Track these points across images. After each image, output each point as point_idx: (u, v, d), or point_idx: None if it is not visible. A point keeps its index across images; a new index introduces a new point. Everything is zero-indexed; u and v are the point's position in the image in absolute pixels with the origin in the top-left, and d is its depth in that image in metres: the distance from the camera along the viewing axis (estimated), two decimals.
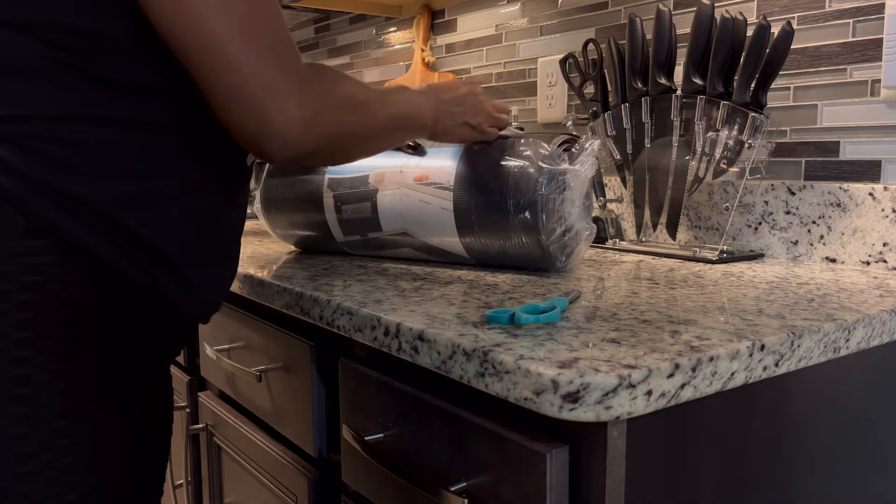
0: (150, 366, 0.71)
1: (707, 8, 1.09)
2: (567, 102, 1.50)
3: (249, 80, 0.62)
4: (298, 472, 0.96)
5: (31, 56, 0.61)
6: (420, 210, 1.00)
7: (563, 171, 0.92)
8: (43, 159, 0.61)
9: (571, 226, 0.94)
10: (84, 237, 0.63)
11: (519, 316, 0.66)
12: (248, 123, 0.64)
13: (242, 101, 0.63)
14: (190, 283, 0.71)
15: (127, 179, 0.65)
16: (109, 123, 0.64)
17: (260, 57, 0.63)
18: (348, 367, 0.83)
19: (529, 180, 0.91)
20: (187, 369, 1.36)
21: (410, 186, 1.00)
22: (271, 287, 0.93)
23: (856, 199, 1.04)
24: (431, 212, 0.98)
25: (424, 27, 1.86)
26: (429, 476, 0.70)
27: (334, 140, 0.71)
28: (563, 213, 0.93)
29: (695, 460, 0.62)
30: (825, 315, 0.71)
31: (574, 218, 0.94)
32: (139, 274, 0.67)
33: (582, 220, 0.97)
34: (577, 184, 0.93)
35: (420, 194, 0.99)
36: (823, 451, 0.73)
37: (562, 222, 0.93)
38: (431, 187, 0.98)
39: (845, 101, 1.07)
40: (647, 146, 1.20)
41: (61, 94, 0.62)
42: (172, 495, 1.39)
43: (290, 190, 1.13)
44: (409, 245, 1.04)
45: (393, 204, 1.02)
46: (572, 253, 0.97)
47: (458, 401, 0.67)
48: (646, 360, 0.55)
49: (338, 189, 1.07)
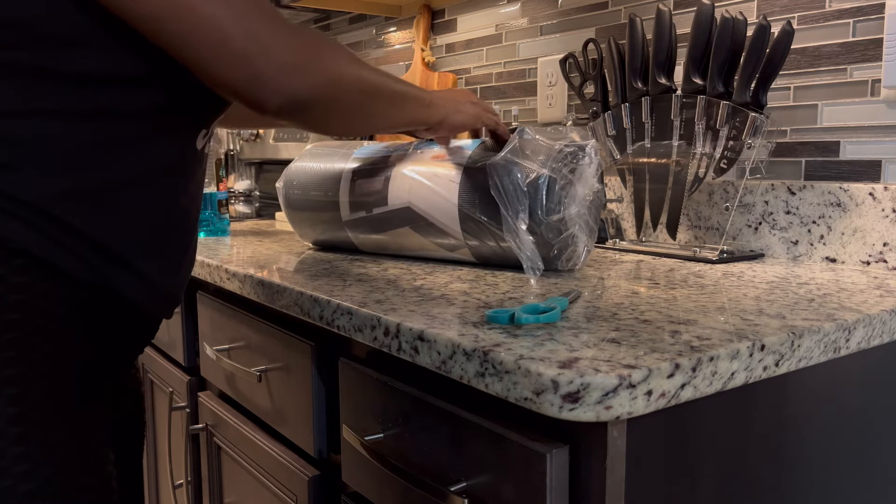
0: (110, 367, 0.69)
1: (707, 8, 1.09)
2: (567, 102, 1.50)
3: (232, 34, 0.62)
4: (298, 472, 0.96)
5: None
6: (429, 180, 1.02)
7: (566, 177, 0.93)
8: None
9: (567, 221, 0.94)
10: (23, 237, 0.61)
11: (519, 316, 0.66)
12: (237, 76, 0.64)
13: (228, 56, 0.63)
14: (146, 276, 0.69)
15: (69, 173, 0.63)
16: (47, 115, 0.61)
17: (239, 10, 0.63)
18: (348, 367, 0.83)
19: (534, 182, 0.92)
20: (187, 369, 1.36)
21: (426, 163, 1.04)
22: (271, 287, 0.93)
23: (856, 199, 1.04)
24: (439, 182, 1.00)
25: (424, 27, 1.86)
26: (429, 476, 0.70)
27: (330, 91, 0.70)
28: (565, 217, 0.93)
29: (695, 460, 0.62)
30: (825, 315, 0.71)
31: (574, 216, 0.94)
32: (86, 271, 0.64)
33: (581, 232, 0.96)
34: (580, 188, 0.94)
35: (433, 168, 1.02)
36: (823, 451, 0.73)
37: (563, 225, 0.93)
38: (447, 162, 1.02)
39: (845, 101, 1.07)
40: (647, 146, 1.20)
41: None
42: (172, 495, 1.39)
43: (315, 161, 1.18)
44: (408, 224, 1.04)
45: (405, 177, 1.05)
46: (573, 255, 0.97)
47: (458, 401, 0.67)
48: (646, 360, 0.55)
49: (360, 163, 1.12)
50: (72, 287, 0.64)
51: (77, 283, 0.65)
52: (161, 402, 1.49)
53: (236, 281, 1.03)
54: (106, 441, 0.68)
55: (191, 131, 0.72)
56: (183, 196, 0.73)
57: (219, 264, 1.09)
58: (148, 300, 0.71)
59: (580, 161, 0.95)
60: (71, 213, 0.63)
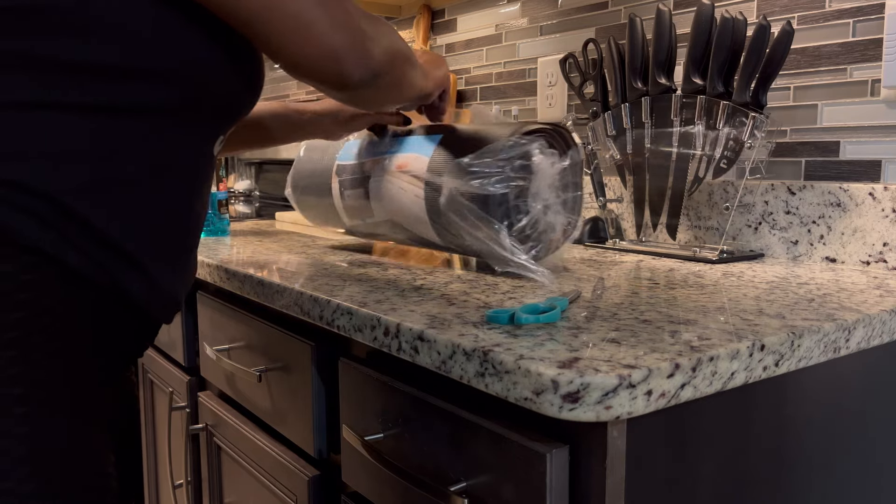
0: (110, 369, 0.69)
1: (707, 8, 1.09)
2: (567, 102, 1.50)
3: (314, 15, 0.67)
4: (298, 472, 0.96)
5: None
6: (400, 198, 1.01)
7: (523, 165, 0.90)
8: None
9: (537, 220, 0.92)
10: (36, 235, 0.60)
11: (519, 316, 0.66)
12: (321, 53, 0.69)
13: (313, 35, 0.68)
14: (152, 277, 0.69)
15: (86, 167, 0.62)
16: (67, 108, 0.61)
17: None
18: (348, 367, 0.83)
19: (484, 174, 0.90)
20: (187, 369, 1.36)
21: (393, 174, 1.02)
22: (271, 287, 0.93)
23: (856, 199, 1.04)
24: (408, 200, 0.99)
25: (424, 27, 1.86)
26: (429, 476, 0.70)
27: (392, 60, 0.76)
28: (524, 208, 0.91)
29: (695, 460, 0.62)
30: (825, 315, 0.71)
31: (541, 212, 0.92)
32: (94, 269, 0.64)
33: (557, 215, 0.94)
34: (540, 176, 0.91)
35: (400, 182, 1.01)
36: (823, 452, 0.73)
37: (524, 217, 0.91)
38: (408, 175, 1.00)
39: (845, 101, 1.07)
40: (647, 146, 1.20)
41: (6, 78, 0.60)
42: (172, 495, 1.39)
43: (309, 180, 1.19)
44: (401, 233, 1.05)
45: (380, 191, 1.04)
46: (542, 248, 0.95)
47: (458, 401, 0.67)
48: (646, 360, 0.55)
49: (342, 175, 1.12)
50: (79, 287, 0.64)
51: (85, 282, 0.64)
52: (161, 402, 1.49)
53: (236, 281, 1.03)
54: (107, 441, 0.68)
55: (210, 134, 0.72)
56: (196, 199, 0.73)
57: (219, 264, 1.09)
58: (152, 302, 0.71)
59: (530, 159, 0.91)
60: (84, 207, 0.62)
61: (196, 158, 0.72)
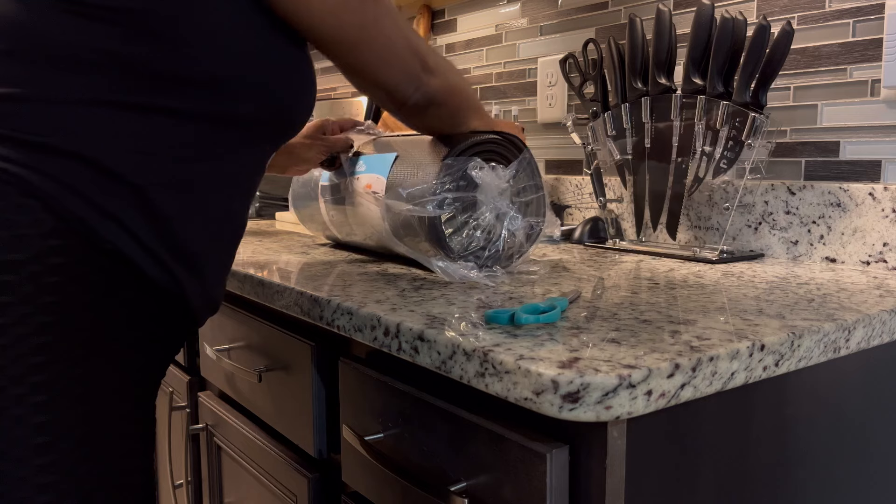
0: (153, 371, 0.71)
1: (707, 8, 1.09)
2: (567, 102, 1.50)
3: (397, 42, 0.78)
4: (298, 472, 0.96)
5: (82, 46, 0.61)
6: (371, 217, 1.02)
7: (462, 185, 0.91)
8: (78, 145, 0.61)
9: (490, 230, 0.92)
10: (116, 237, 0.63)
11: (519, 316, 0.66)
12: (396, 76, 0.79)
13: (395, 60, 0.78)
14: (206, 281, 0.71)
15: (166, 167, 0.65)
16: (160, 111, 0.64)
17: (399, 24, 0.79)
18: (348, 367, 0.83)
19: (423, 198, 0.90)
20: (187, 369, 1.36)
21: (362, 195, 1.04)
22: (271, 287, 0.93)
23: (856, 199, 1.04)
24: (376, 220, 1.01)
25: (424, 27, 1.86)
26: (429, 476, 0.70)
27: (448, 91, 0.85)
28: (472, 223, 0.92)
29: (695, 460, 0.62)
30: (825, 315, 0.71)
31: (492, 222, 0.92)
32: (161, 273, 0.67)
33: (515, 220, 0.93)
34: (485, 189, 0.91)
35: (368, 204, 1.02)
36: (823, 452, 0.73)
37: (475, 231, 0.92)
38: (372, 195, 1.01)
39: (845, 101, 1.07)
40: (647, 146, 1.20)
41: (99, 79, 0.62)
42: (172, 495, 1.39)
43: (302, 202, 1.22)
44: (383, 247, 1.06)
45: (355, 210, 1.06)
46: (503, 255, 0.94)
47: (458, 401, 0.67)
48: (646, 360, 0.55)
49: (325, 195, 1.14)
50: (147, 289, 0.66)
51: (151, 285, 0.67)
52: (161, 402, 1.49)
53: (236, 281, 1.03)
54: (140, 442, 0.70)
55: (270, 150, 0.76)
56: (246, 210, 0.77)
57: None
58: (201, 305, 0.73)
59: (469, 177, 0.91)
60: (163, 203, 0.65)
61: (256, 171, 0.75)
